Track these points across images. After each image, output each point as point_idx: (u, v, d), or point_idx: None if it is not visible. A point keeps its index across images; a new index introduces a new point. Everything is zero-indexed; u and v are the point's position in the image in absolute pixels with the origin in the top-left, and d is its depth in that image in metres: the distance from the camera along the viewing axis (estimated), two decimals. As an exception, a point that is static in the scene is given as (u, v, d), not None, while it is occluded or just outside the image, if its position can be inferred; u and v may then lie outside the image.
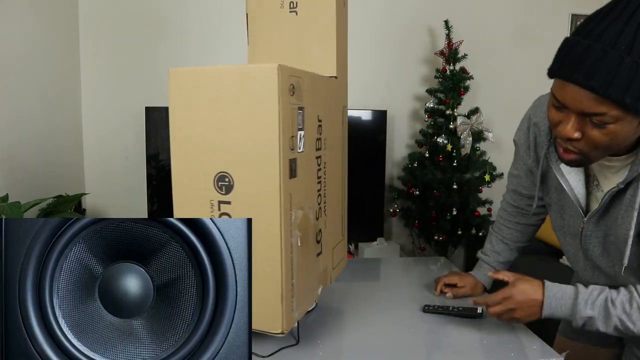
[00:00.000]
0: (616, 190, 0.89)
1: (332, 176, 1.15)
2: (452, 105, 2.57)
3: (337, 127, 1.17)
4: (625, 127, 0.78)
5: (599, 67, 0.74)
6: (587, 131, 0.80)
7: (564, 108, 0.81)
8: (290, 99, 0.86)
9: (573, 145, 0.84)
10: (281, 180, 0.84)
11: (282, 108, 0.83)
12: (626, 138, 0.81)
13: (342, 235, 1.25)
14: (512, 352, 0.99)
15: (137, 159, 2.68)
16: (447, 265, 1.61)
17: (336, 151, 1.17)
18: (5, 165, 1.96)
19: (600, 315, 0.92)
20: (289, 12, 1.13)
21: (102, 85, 2.67)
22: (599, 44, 0.74)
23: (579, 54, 0.76)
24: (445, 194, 2.56)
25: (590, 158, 0.86)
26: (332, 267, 1.18)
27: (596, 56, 0.74)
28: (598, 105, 0.76)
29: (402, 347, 1.03)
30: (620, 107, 0.75)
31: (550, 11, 2.94)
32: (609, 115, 0.76)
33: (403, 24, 2.87)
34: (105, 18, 2.62)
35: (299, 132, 0.91)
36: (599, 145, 0.81)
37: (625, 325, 0.90)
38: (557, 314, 0.96)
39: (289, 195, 0.87)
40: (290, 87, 0.86)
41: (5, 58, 1.97)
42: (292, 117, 0.87)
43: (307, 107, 0.93)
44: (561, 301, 0.96)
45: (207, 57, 2.72)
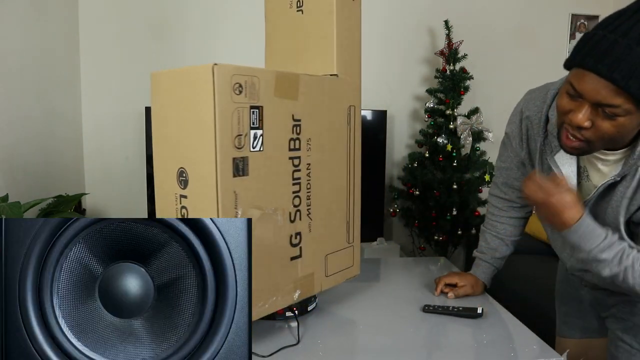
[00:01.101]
0: (611, 182, 0.94)
1: (324, 179, 1.10)
2: (452, 105, 2.57)
3: (335, 128, 1.13)
4: (633, 122, 0.83)
5: (624, 61, 0.78)
6: (597, 122, 0.85)
7: (578, 97, 0.85)
8: (235, 97, 0.87)
9: (581, 133, 0.87)
10: (218, 178, 0.86)
11: (219, 107, 0.85)
12: (630, 132, 0.86)
13: (348, 242, 1.20)
14: (512, 352, 0.99)
15: (137, 159, 2.68)
16: (447, 265, 1.61)
17: (331, 153, 1.12)
18: (5, 165, 1.96)
19: (614, 259, 0.92)
20: (296, 12, 1.14)
21: (102, 85, 2.67)
22: (625, 40, 0.78)
23: (604, 48, 0.80)
24: (445, 194, 2.56)
25: (592, 147, 0.90)
26: (326, 274, 1.14)
27: (622, 51, 0.78)
28: (615, 97, 0.80)
29: (402, 347, 1.03)
30: (636, 101, 0.79)
31: (550, 11, 2.94)
32: (622, 108, 0.80)
33: (403, 24, 2.87)
34: (105, 18, 2.62)
35: (252, 131, 0.91)
36: (605, 136, 0.85)
37: (625, 277, 0.92)
38: (577, 241, 0.94)
39: (232, 194, 0.88)
40: (236, 86, 0.87)
41: (5, 58, 1.97)
42: (239, 116, 0.88)
43: (269, 105, 0.94)
44: (591, 234, 0.93)
45: (207, 57, 2.72)
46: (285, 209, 1.01)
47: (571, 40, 3.04)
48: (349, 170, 1.18)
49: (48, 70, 2.32)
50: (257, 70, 0.90)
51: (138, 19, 2.65)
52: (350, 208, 1.20)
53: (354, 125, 1.17)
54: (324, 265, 1.13)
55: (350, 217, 1.20)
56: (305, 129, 1.03)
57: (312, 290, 1.11)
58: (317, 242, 1.10)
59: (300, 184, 1.04)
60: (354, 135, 1.18)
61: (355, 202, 1.22)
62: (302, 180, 1.04)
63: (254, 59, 2.84)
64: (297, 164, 1.02)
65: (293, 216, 1.03)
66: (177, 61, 2.70)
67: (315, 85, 1.05)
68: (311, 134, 1.04)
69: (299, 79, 1.00)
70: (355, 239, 1.23)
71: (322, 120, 1.08)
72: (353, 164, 1.19)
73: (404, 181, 2.73)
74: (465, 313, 1.16)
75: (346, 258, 1.21)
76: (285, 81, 0.96)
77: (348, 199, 1.19)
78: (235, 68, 0.86)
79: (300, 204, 1.05)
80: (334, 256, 1.17)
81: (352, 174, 1.20)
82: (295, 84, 0.99)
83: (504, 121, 1.24)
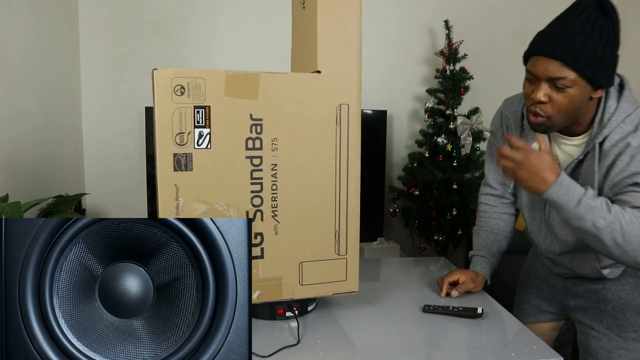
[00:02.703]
0: (576, 161, 1.11)
1: (297, 182, 1.06)
2: (452, 105, 2.57)
3: (316, 128, 1.06)
4: (581, 93, 1.02)
5: (559, 41, 1.02)
6: (553, 96, 1.04)
7: (535, 79, 1.05)
8: (175, 98, 0.96)
9: (541, 108, 1.05)
10: (158, 171, 0.97)
11: (158, 107, 0.96)
12: (581, 104, 1.04)
13: (338, 254, 1.12)
14: (512, 352, 1.00)
15: (137, 159, 2.68)
16: (447, 265, 1.61)
17: (310, 155, 1.06)
18: (5, 165, 1.96)
19: (603, 206, 1.00)
20: (302, 9, 1.14)
21: (102, 86, 2.67)
22: (560, 28, 1.04)
23: (545, 36, 1.05)
24: (445, 194, 2.56)
25: (554, 122, 1.06)
26: (301, 282, 1.10)
27: (557, 36, 1.03)
28: (560, 70, 1.01)
29: (402, 347, 1.03)
30: (575, 70, 1.00)
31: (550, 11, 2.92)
32: (569, 79, 1.00)
33: (403, 24, 2.87)
34: (105, 18, 2.62)
35: (197, 130, 0.98)
36: (562, 107, 1.03)
37: (621, 227, 0.98)
38: (563, 196, 1.02)
39: (173, 186, 0.97)
40: (177, 87, 0.95)
41: (5, 58, 1.97)
42: (181, 115, 0.97)
43: (219, 105, 0.98)
44: (575, 186, 1.03)
45: (207, 57, 2.73)
46: (241, 207, 1.03)
47: (571, 40, 3.04)
48: (338, 175, 1.09)
49: (48, 69, 2.32)
50: (204, 72, 0.97)
51: (138, 19, 2.65)
52: (340, 217, 1.11)
53: (346, 125, 1.08)
54: (297, 273, 1.10)
55: (340, 227, 1.11)
56: (269, 129, 1.02)
57: (278, 295, 1.09)
58: (287, 247, 1.08)
59: (262, 184, 1.03)
60: (347, 136, 1.09)
61: (350, 210, 1.12)
62: (264, 181, 1.03)
63: (254, 58, 2.85)
64: (258, 163, 1.02)
65: (252, 216, 1.03)
66: (178, 60, 2.70)
67: (282, 84, 1.02)
68: (277, 133, 1.03)
69: (259, 78, 1.00)
70: (350, 251, 1.13)
71: (294, 119, 1.04)
72: (346, 168, 1.09)
73: (404, 181, 2.73)
74: (465, 313, 1.16)
75: (334, 271, 1.12)
76: (239, 81, 0.99)
77: (337, 207, 1.10)
78: (175, 72, 0.95)
79: (262, 204, 1.04)
80: (313, 265, 1.10)
81: (345, 179, 1.10)
82: (253, 83, 1.00)
83: None
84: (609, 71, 1.04)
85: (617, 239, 0.99)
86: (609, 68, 1.04)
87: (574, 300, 1.28)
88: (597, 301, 1.23)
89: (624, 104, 1.06)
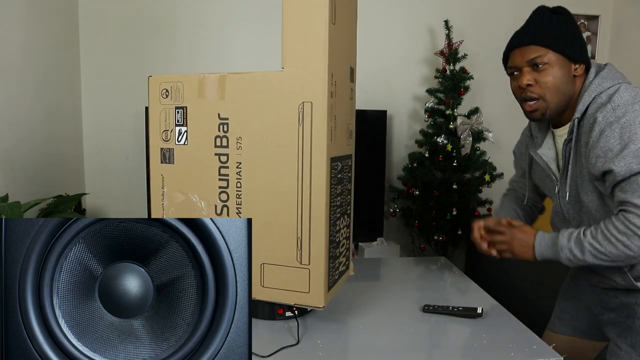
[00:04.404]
0: (567, 140, 1.14)
1: (259, 182, 1.04)
2: (452, 105, 2.57)
3: (278, 127, 1.01)
4: (560, 69, 1.11)
5: (527, 32, 1.14)
6: (537, 78, 1.12)
7: (517, 70, 1.15)
8: (162, 100, 1.10)
9: (531, 91, 1.12)
10: (150, 162, 1.14)
11: (151, 108, 1.11)
12: (566, 80, 1.12)
13: (300, 263, 1.03)
14: (512, 352, 1.00)
15: (137, 159, 2.68)
16: (447, 265, 1.61)
17: (271, 155, 1.02)
18: (5, 165, 1.96)
19: (576, 245, 1.08)
20: None
21: (102, 85, 2.67)
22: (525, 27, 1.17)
23: (514, 36, 1.18)
24: (445, 194, 2.56)
25: (547, 103, 1.12)
26: (262, 284, 1.07)
27: (524, 31, 1.16)
28: (535, 50, 1.11)
29: (402, 347, 1.03)
30: (547, 46, 1.10)
31: (550, 11, 2.94)
32: (545, 56, 1.10)
33: (403, 24, 2.87)
34: (105, 18, 2.62)
35: (177, 128, 1.10)
36: (548, 84, 1.11)
37: (597, 250, 1.05)
38: (546, 254, 1.13)
39: (160, 176, 1.12)
40: (163, 91, 1.09)
41: (5, 58, 1.97)
42: (166, 115, 1.10)
43: (193, 106, 1.08)
44: (547, 242, 1.13)
45: (208, 56, 2.73)
46: (211, 200, 1.09)
47: (571, 40, 3.04)
48: (300, 179, 1.00)
49: (48, 70, 2.32)
50: (182, 77, 1.08)
51: (138, 19, 2.65)
52: (302, 224, 1.01)
53: (309, 124, 0.98)
54: (259, 273, 1.06)
55: (302, 234, 1.01)
56: (234, 128, 1.05)
57: None
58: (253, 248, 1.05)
59: (229, 180, 1.06)
60: (311, 136, 0.98)
61: (314, 218, 1.00)
62: (230, 178, 1.06)
63: (254, 57, 2.85)
64: (225, 161, 1.06)
65: (220, 210, 1.08)
66: (178, 61, 2.70)
67: (247, 84, 1.02)
68: (242, 132, 1.04)
69: (226, 80, 1.04)
70: (313, 262, 1.01)
71: (257, 119, 1.02)
72: (309, 172, 0.99)
73: (404, 181, 2.73)
74: (465, 313, 1.16)
75: (296, 280, 1.03)
76: (209, 82, 1.06)
77: (299, 212, 1.01)
78: (162, 77, 1.10)
79: (229, 200, 1.07)
80: (275, 269, 1.05)
81: (308, 184, 0.99)
82: (220, 84, 1.05)
83: (504, 121, 1.29)
84: (578, 44, 1.13)
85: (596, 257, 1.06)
86: (577, 42, 1.13)
87: (607, 315, 1.23)
88: (627, 315, 1.18)
89: (599, 80, 1.10)
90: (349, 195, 1.17)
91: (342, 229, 1.13)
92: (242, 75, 1.03)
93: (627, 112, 1.00)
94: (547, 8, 1.16)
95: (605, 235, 1.04)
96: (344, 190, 1.13)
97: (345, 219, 1.15)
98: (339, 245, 1.12)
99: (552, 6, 1.17)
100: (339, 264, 1.13)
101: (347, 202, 1.16)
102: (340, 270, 1.15)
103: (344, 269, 1.19)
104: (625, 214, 1.01)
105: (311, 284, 1.03)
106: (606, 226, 1.04)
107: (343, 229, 1.14)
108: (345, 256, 1.18)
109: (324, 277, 1.02)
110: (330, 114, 0.99)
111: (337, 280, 1.13)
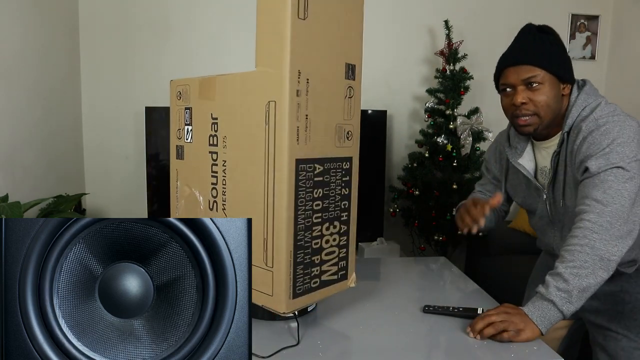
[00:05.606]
0: (557, 152, 1.21)
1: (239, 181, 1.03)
2: (452, 105, 2.57)
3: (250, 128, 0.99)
4: (552, 88, 1.16)
5: (521, 51, 1.18)
6: (531, 97, 1.17)
7: (511, 88, 1.19)
8: (177, 102, 1.19)
9: (525, 109, 1.17)
10: (170, 158, 1.23)
11: (171, 109, 1.21)
12: (557, 98, 1.18)
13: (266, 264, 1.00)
14: (512, 353, 1.00)
15: (137, 159, 2.68)
16: (447, 265, 1.61)
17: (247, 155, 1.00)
18: (5, 166, 1.96)
19: (554, 280, 1.05)
20: None
21: (102, 85, 2.67)
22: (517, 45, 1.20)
23: (507, 54, 1.22)
24: (445, 194, 2.56)
25: (540, 118, 1.18)
26: None
27: (518, 50, 1.19)
28: (530, 69, 1.15)
29: (402, 347, 1.03)
30: (542, 67, 1.15)
31: (550, 11, 2.94)
32: (539, 76, 1.15)
33: (403, 24, 2.87)
34: (105, 18, 2.63)
35: (186, 127, 1.18)
36: (542, 103, 1.16)
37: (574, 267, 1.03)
38: (552, 318, 1.04)
39: (175, 171, 1.23)
40: (178, 93, 1.19)
41: (6, 58, 1.97)
42: (179, 115, 1.19)
43: (196, 106, 1.14)
44: (544, 310, 1.04)
45: (207, 56, 2.73)
46: (205, 196, 1.15)
47: (571, 40, 3.04)
48: (266, 180, 0.97)
49: (48, 69, 2.32)
50: (190, 80, 1.15)
51: (138, 19, 2.65)
52: (267, 225, 0.99)
53: (274, 124, 0.94)
54: None
55: (267, 235, 0.99)
56: (222, 127, 1.08)
57: None
58: None
59: (217, 177, 1.11)
60: (275, 137, 0.94)
61: (278, 218, 0.96)
62: (218, 175, 1.10)
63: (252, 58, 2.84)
64: (215, 158, 1.10)
65: (211, 205, 1.13)
66: (178, 61, 2.70)
67: (230, 84, 1.05)
68: (227, 132, 1.07)
69: (215, 81, 1.08)
70: (276, 265, 0.97)
71: (237, 118, 1.03)
72: (273, 175, 0.95)
73: (404, 181, 2.73)
74: (465, 313, 1.16)
75: (262, 281, 1.01)
76: (205, 84, 1.11)
77: (266, 212, 0.98)
78: (178, 80, 1.19)
79: (217, 196, 1.11)
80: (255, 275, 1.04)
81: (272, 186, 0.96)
82: (212, 85, 1.09)
83: (504, 121, 1.30)
84: (567, 66, 1.20)
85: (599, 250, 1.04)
86: (566, 64, 1.20)
87: (587, 302, 1.20)
88: (614, 303, 1.25)
89: (584, 96, 1.20)
90: (344, 201, 1.09)
91: (327, 235, 1.06)
92: (226, 76, 1.06)
93: (607, 122, 1.12)
94: (534, 27, 1.21)
95: (568, 249, 1.05)
96: (332, 194, 1.06)
97: (335, 225, 1.08)
98: (319, 252, 1.05)
99: (537, 24, 1.22)
100: (320, 272, 1.06)
101: (338, 208, 1.08)
102: (324, 279, 1.08)
103: (334, 279, 1.10)
104: (580, 216, 1.07)
105: (274, 287, 1.00)
106: (567, 242, 1.07)
107: (328, 236, 1.06)
108: (335, 265, 1.10)
109: (286, 282, 0.98)
110: (295, 113, 0.93)
111: (316, 289, 1.06)
